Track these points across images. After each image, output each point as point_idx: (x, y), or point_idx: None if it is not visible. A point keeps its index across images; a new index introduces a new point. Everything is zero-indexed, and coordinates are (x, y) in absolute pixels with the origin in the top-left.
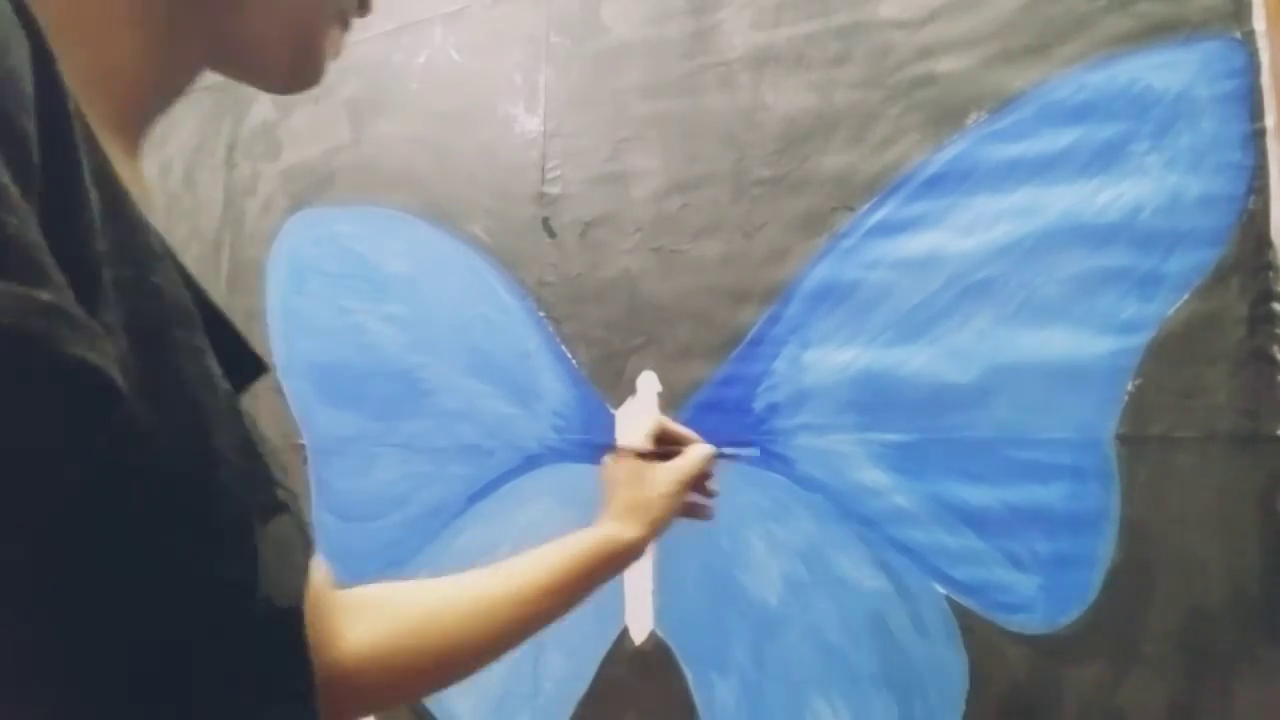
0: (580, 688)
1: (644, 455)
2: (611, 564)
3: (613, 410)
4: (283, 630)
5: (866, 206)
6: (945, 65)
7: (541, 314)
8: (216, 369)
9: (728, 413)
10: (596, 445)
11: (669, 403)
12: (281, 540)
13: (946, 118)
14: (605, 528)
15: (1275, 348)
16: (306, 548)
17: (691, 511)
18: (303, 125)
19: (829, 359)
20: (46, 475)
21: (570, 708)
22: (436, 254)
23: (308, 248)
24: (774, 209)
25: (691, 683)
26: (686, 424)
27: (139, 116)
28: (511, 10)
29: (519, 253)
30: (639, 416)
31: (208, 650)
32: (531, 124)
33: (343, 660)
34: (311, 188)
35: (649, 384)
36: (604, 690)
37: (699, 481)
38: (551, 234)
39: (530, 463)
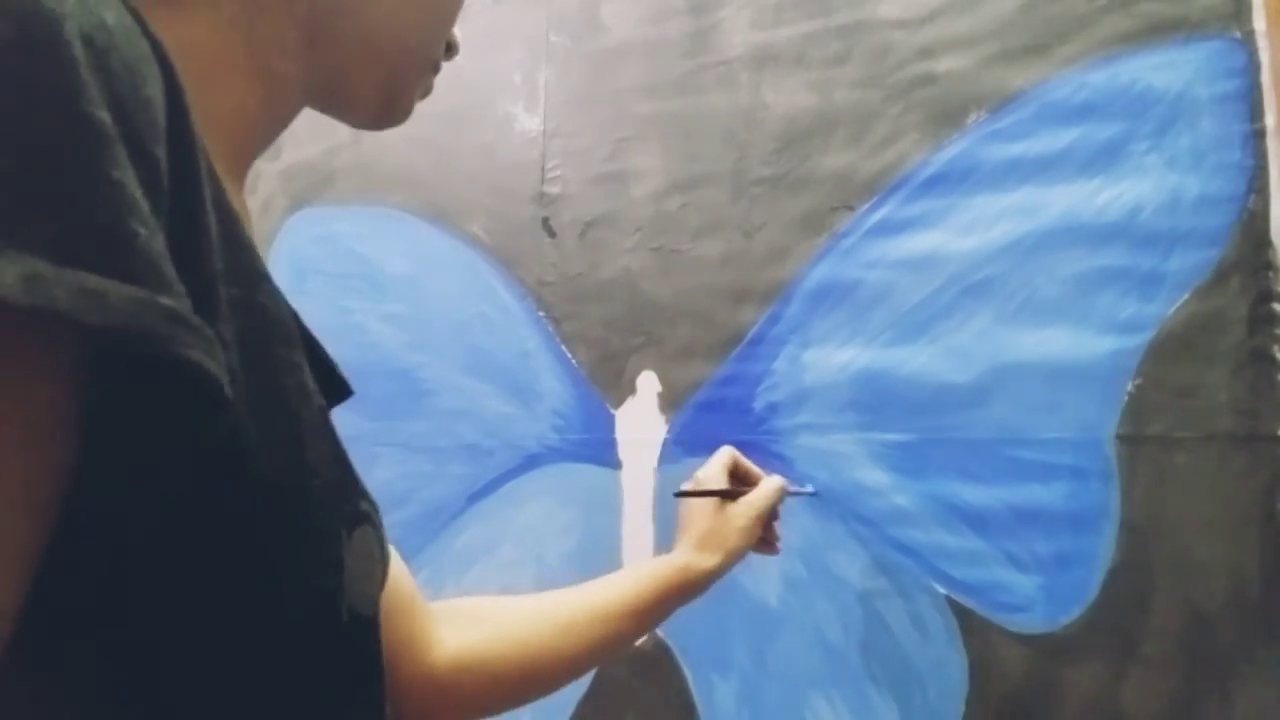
0: (580, 687)
1: (717, 492)
2: (688, 591)
3: (613, 410)
4: (362, 638)
5: (866, 206)
6: (945, 65)
7: (541, 314)
8: (312, 385)
9: (728, 413)
10: (597, 444)
11: (669, 403)
12: (364, 551)
13: (946, 117)
14: (685, 556)
15: (1275, 348)
16: (384, 559)
17: (763, 545)
18: (303, 125)
19: (829, 359)
20: (155, 472)
21: (570, 707)
22: (436, 253)
23: (307, 247)
24: (774, 209)
25: (691, 683)
26: (686, 424)
27: (247, 152)
28: (511, 10)
29: (519, 252)
30: (717, 455)
31: (289, 656)
32: (531, 124)
33: (436, 666)
34: (311, 187)
35: (649, 384)
36: (604, 690)
37: (770, 516)
38: (551, 234)
39: (530, 462)
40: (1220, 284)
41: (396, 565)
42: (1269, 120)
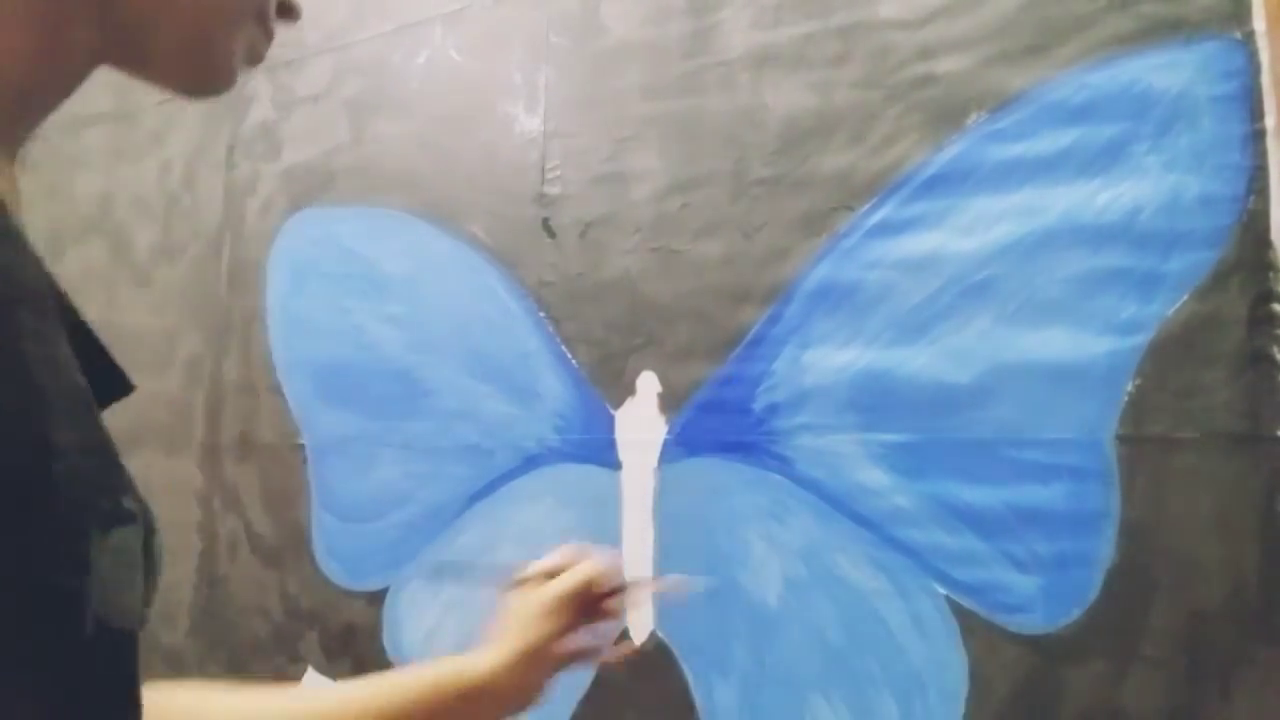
0: (580, 688)
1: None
2: (462, 700)
3: (613, 410)
4: (113, 655)
5: (866, 206)
6: (945, 65)
7: (541, 314)
8: (69, 362)
9: (728, 413)
10: (597, 445)
11: (669, 403)
12: (122, 554)
13: (946, 118)
14: (456, 659)
15: (1275, 348)
16: (154, 570)
17: (579, 652)
18: (302, 125)
19: (829, 359)
20: None
21: (570, 708)
22: (436, 254)
23: (308, 248)
24: (774, 209)
25: (691, 683)
26: (686, 425)
27: (18, 115)
28: (511, 10)
29: (519, 253)
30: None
31: (17, 666)
32: (531, 124)
33: None
34: (311, 188)
35: (649, 384)
36: (604, 690)
37: (585, 604)
38: (551, 234)
39: (530, 463)
40: (1220, 284)
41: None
42: (1269, 121)
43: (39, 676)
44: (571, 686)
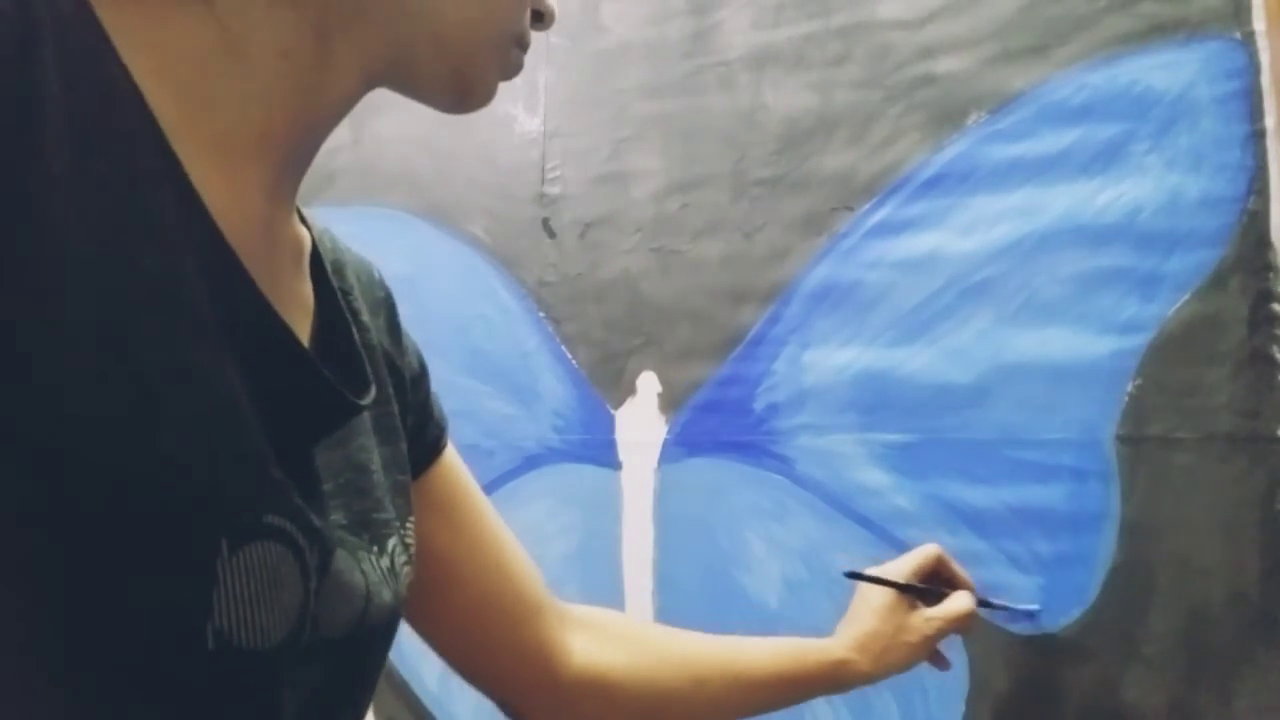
0: None
1: (890, 583)
2: (833, 687)
3: (612, 410)
4: (242, 674)
5: (866, 207)
6: (945, 65)
7: (541, 314)
8: (210, 369)
9: (728, 413)
10: (597, 445)
11: (669, 403)
12: (262, 572)
13: (946, 118)
14: (842, 652)
15: (1275, 348)
16: (318, 591)
17: (934, 659)
18: None
19: (829, 359)
20: None
21: None
22: (436, 254)
23: None
24: (774, 209)
25: None
26: (686, 425)
27: (295, 142)
28: None
29: (519, 253)
30: (921, 550)
31: (133, 678)
32: (531, 124)
33: (562, 676)
34: (311, 188)
35: (649, 384)
36: None
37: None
38: (551, 234)
39: (530, 463)
40: (1220, 284)
41: (511, 565)
42: (1269, 121)
43: (154, 687)
44: None
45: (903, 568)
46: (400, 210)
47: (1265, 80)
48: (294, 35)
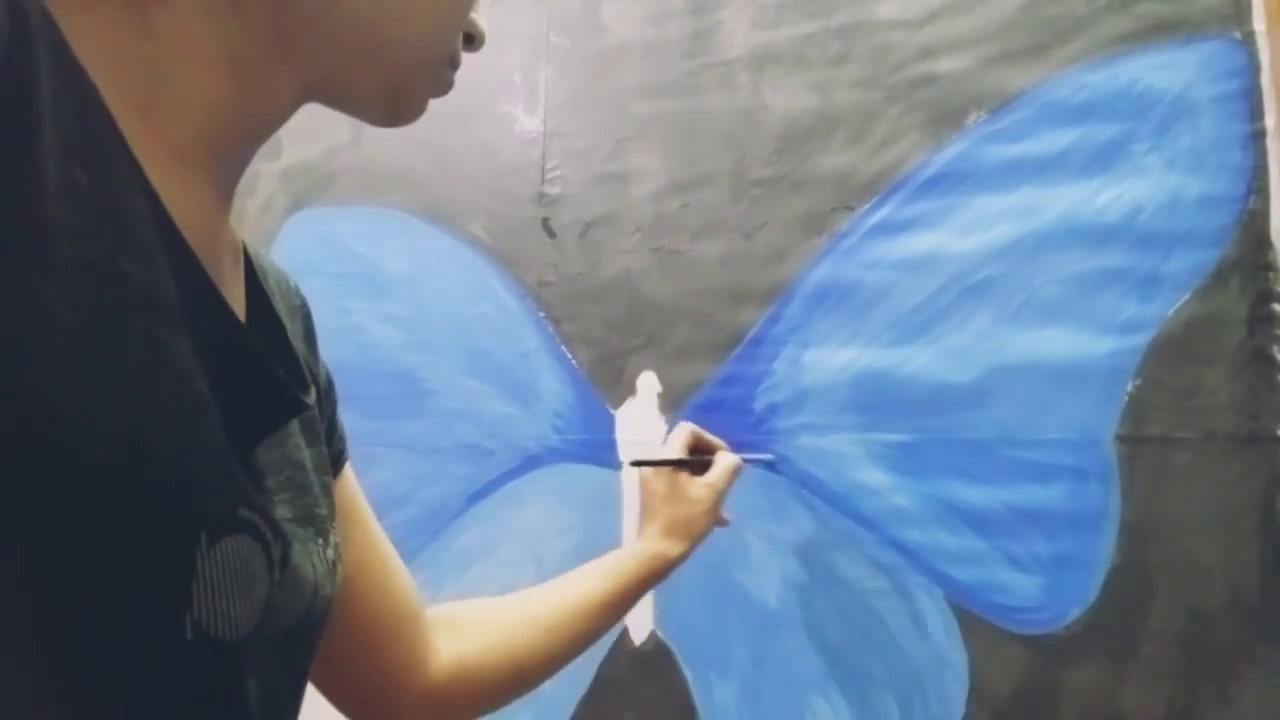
0: (580, 688)
1: (671, 462)
2: (657, 578)
3: (612, 410)
4: (214, 665)
5: (866, 206)
6: (945, 65)
7: (541, 314)
8: (185, 369)
9: (728, 413)
10: (597, 445)
11: (669, 403)
12: (236, 565)
13: (946, 118)
14: (654, 545)
15: (1275, 348)
16: (279, 583)
17: (719, 522)
18: (302, 125)
19: (829, 359)
20: None
21: (570, 708)
22: (436, 254)
23: (307, 247)
24: (774, 209)
25: (691, 683)
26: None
27: (223, 144)
28: (511, 10)
29: (519, 253)
30: (676, 431)
31: (113, 669)
32: (531, 124)
33: (435, 680)
34: (311, 188)
35: (649, 384)
36: (604, 690)
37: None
38: (551, 234)
39: (530, 463)
40: (1220, 284)
41: (396, 580)
42: (1269, 121)
43: (132, 677)
44: (571, 686)
45: (672, 449)
46: (400, 210)
47: (1265, 80)
48: (238, 46)
